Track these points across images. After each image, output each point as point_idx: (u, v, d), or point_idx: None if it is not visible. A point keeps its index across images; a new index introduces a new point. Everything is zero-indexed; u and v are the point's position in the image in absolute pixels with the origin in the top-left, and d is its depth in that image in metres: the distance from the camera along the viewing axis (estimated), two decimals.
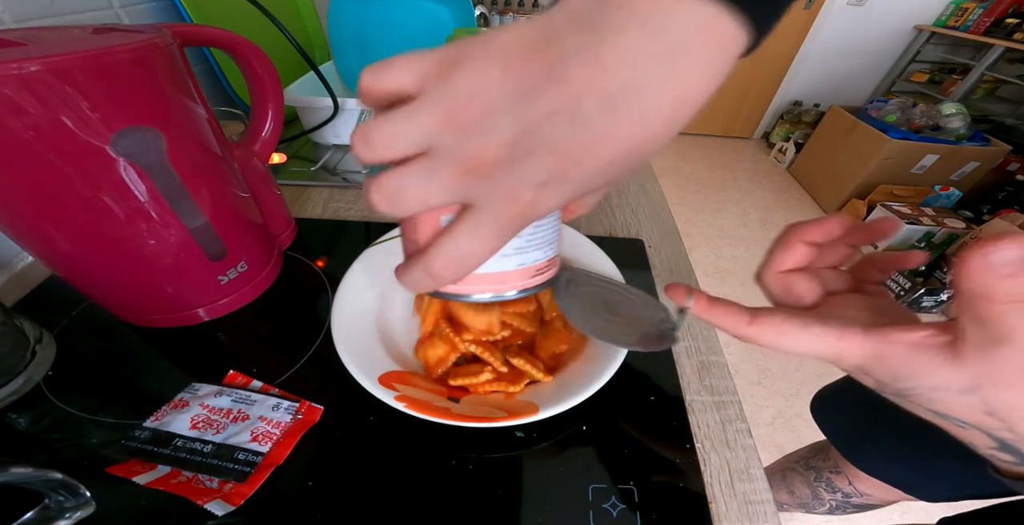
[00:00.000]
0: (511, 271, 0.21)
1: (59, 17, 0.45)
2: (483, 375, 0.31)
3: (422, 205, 0.16)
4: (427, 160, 0.15)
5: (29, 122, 0.22)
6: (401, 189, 0.15)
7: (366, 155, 0.15)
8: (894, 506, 0.64)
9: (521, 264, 0.21)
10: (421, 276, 0.17)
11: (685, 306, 0.21)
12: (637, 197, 0.57)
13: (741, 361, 1.39)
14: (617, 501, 0.27)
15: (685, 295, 0.21)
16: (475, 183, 0.15)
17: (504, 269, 0.21)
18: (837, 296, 0.21)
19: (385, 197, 0.16)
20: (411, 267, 0.18)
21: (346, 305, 0.34)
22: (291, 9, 0.77)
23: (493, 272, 0.21)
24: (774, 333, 0.18)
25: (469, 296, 0.21)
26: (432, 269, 0.17)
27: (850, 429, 0.57)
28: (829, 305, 0.21)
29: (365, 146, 0.15)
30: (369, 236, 0.49)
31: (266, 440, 0.28)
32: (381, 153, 0.15)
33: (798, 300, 0.21)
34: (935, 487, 0.50)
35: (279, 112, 0.41)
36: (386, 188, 0.15)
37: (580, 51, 0.13)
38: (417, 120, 0.14)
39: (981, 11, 2.03)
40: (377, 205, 0.16)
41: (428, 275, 0.17)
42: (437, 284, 0.18)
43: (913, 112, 1.93)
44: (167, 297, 0.35)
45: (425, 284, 0.18)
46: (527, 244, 0.20)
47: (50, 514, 0.23)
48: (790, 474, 0.74)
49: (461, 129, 0.14)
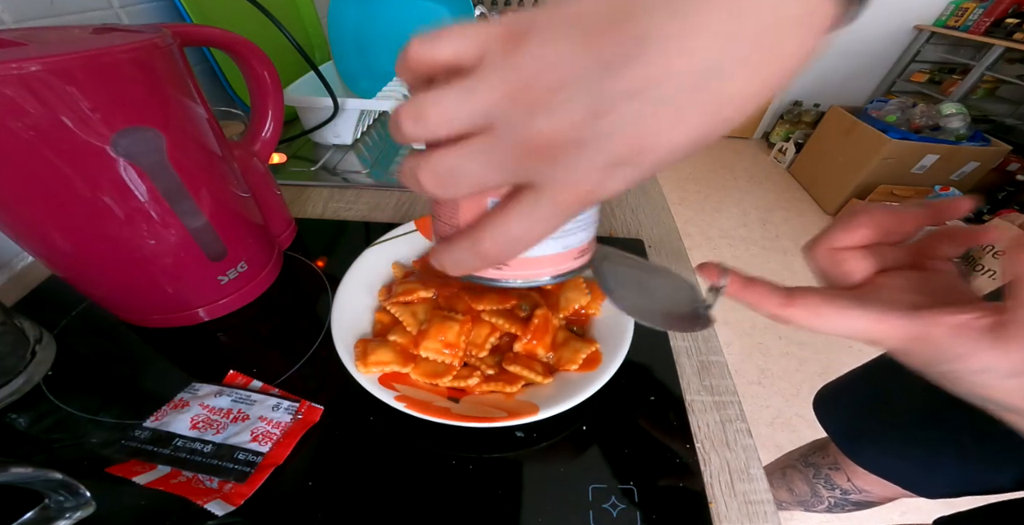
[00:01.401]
0: (555, 254, 0.20)
1: (59, 17, 0.45)
2: (472, 378, 0.31)
3: (477, 187, 0.14)
4: (486, 139, 0.13)
5: (29, 122, 0.22)
6: (456, 170, 0.14)
7: (416, 131, 0.14)
8: (891, 505, 0.64)
9: (566, 246, 0.20)
10: (466, 255, 0.16)
11: (718, 285, 0.20)
12: (637, 197, 0.57)
13: (741, 361, 1.39)
14: (617, 501, 0.27)
15: (719, 274, 0.20)
16: (538, 164, 0.13)
17: (549, 252, 0.20)
18: (886, 274, 0.20)
19: (436, 177, 0.14)
20: (456, 246, 0.16)
21: (346, 305, 0.34)
22: (291, 9, 0.77)
23: (537, 255, 0.20)
24: (810, 316, 0.18)
25: (507, 281, 0.20)
26: (481, 249, 0.16)
27: (850, 425, 0.58)
28: (874, 284, 0.20)
29: (416, 123, 0.14)
30: (369, 236, 0.49)
31: (266, 440, 0.28)
32: (435, 130, 0.14)
33: (844, 278, 0.20)
34: (934, 484, 0.50)
35: (279, 112, 0.41)
36: (439, 168, 0.14)
37: (664, 26, 0.12)
38: (479, 94, 0.13)
39: (981, 11, 2.03)
40: (426, 186, 0.14)
41: (475, 255, 0.16)
42: (483, 265, 0.17)
43: (913, 112, 1.93)
44: (167, 297, 0.35)
45: (469, 264, 0.17)
46: (573, 226, 0.19)
47: (50, 514, 0.23)
48: (790, 472, 0.74)
49: (528, 106, 0.13)
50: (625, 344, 0.31)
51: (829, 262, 0.20)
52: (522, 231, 0.15)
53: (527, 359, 0.32)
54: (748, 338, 1.46)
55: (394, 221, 0.51)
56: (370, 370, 0.30)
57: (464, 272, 0.17)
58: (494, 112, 0.13)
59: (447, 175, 0.14)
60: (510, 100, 0.13)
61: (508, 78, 0.13)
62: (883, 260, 0.20)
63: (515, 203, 0.15)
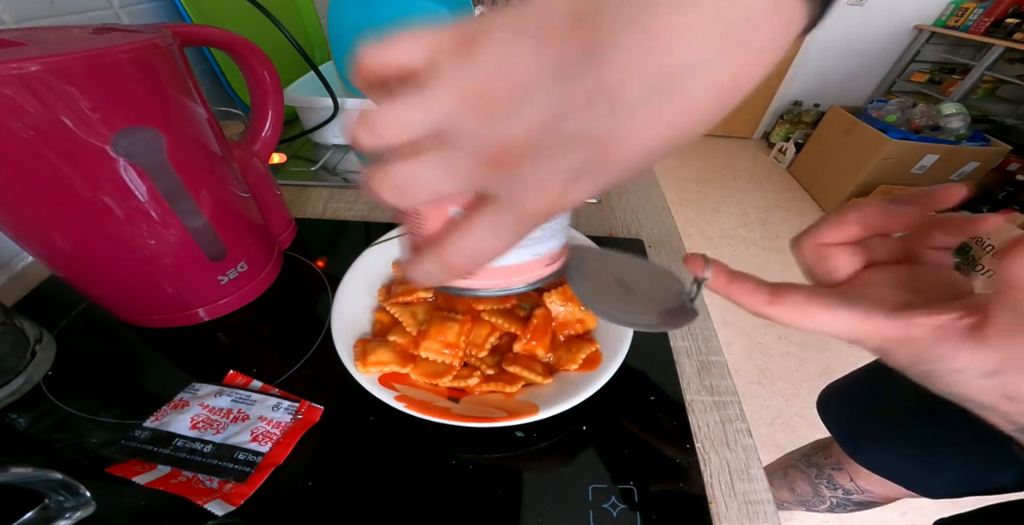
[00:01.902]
0: (524, 263, 0.20)
1: (59, 17, 0.45)
2: (472, 379, 0.31)
3: (435, 196, 0.14)
4: (443, 147, 0.13)
5: (29, 122, 0.22)
6: (412, 179, 0.13)
7: (369, 141, 0.13)
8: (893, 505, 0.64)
9: (535, 255, 0.20)
10: (433, 268, 0.16)
11: (702, 278, 0.20)
12: (637, 197, 0.57)
13: (741, 361, 1.39)
14: (617, 501, 0.27)
15: (703, 266, 0.20)
16: (497, 174, 0.13)
17: (517, 261, 0.20)
18: (874, 269, 0.19)
19: (393, 188, 0.14)
20: (422, 259, 0.16)
21: (346, 305, 0.34)
22: (291, 9, 0.77)
23: (506, 265, 0.20)
24: (795, 314, 0.18)
25: (477, 291, 0.20)
26: (445, 261, 0.16)
27: (853, 425, 0.58)
28: (859, 280, 0.19)
29: (369, 132, 0.13)
30: (369, 236, 0.49)
31: (266, 440, 0.28)
32: (388, 139, 0.13)
33: (830, 274, 0.20)
34: (936, 483, 0.50)
35: (279, 112, 0.41)
36: (394, 178, 0.13)
37: (628, 27, 0.11)
38: (432, 101, 0.12)
39: (981, 11, 2.03)
40: (383, 196, 0.14)
41: (441, 267, 0.16)
42: (450, 277, 0.16)
43: (913, 112, 1.93)
44: (167, 297, 0.35)
45: (437, 277, 0.16)
46: (541, 234, 0.19)
47: (50, 514, 0.23)
48: (791, 471, 0.74)
49: (484, 112, 0.12)
50: (625, 344, 0.31)
51: (815, 257, 0.20)
52: (485, 243, 0.15)
53: (527, 359, 0.32)
54: (748, 338, 1.46)
55: (394, 221, 0.51)
56: (369, 370, 0.30)
57: (433, 284, 0.17)
58: (448, 120, 0.13)
59: (403, 185, 0.14)
60: (463, 107, 0.12)
61: (460, 84, 0.12)
62: (871, 254, 0.20)
63: (477, 215, 0.14)
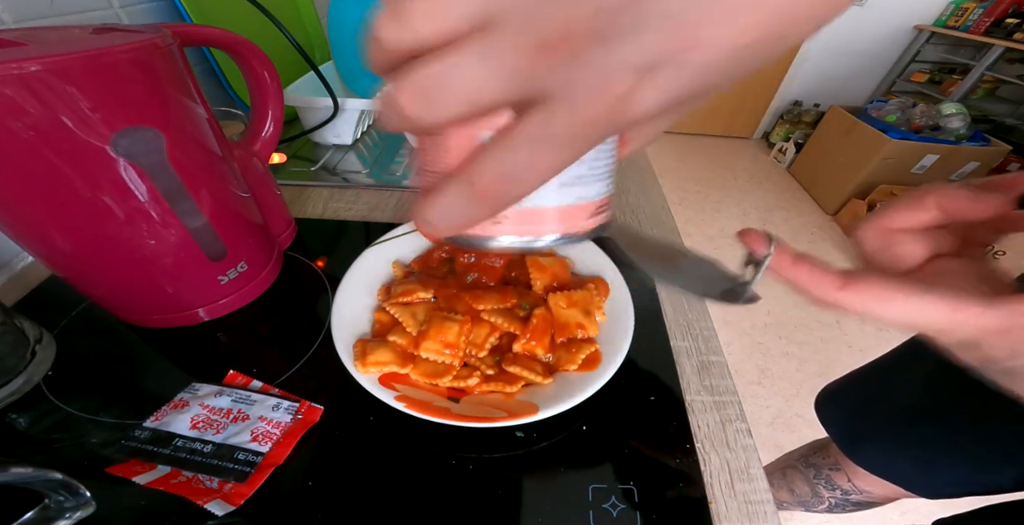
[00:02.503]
0: (564, 207, 0.16)
1: (59, 17, 0.45)
2: (472, 379, 0.31)
3: (470, 102, 0.11)
4: (486, 35, 0.10)
5: (29, 122, 0.22)
6: (443, 81, 0.11)
7: (396, 34, 0.11)
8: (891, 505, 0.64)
9: (579, 198, 0.16)
10: (459, 202, 0.12)
11: (761, 257, 0.17)
12: (637, 197, 0.57)
13: (741, 361, 1.39)
14: (617, 501, 0.27)
15: (765, 242, 0.18)
16: (553, 66, 0.10)
17: (557, 203, 0.15)
18: (939, 260, 0.18)
19: (418, 94, 0.11)
20: (444, 191, 0.13)
21: (346, 305, 0.34)
22: (291, 9, 0.77)
23: (543, 206, 0.15)
24: (872, 300, 0.16)
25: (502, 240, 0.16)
26: (478, 188, 0.12)
27: (851, 425, 0.58)
28: (931, 270, 0.18)
29: (395, 22, 0.11)
30: (369, 236, 0.49)
31: (266, 440, 0.28)
32: (420, 29, 0.10)
33: (895, 262, 0.18)
34: (934, 484, 0.50)
35: (279, 112, 0.41)
36: (422, 79, 0.11)
37: None
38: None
39: (981, 11, 2.03)
40: (406, 107, 0.11)
41: (470, 197, 0.12)
42: (479, 212, 0.13)
43: (913, 112, 1.93)
44: (167, 297, 0.35)
45: (463, 213, 0.13)
46: (589, 172, 0.15)
47: (50, 514, 0.23)
48: (790, 472, 0.74)
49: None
50: (625, 344, 0.31)
51: (881, 243, 0.19)
52: (530, 160, 0.11)
53: (527, 359, 0.32)
54: (748, 338, 1.46)
55: (394, 221, 0.51)
56: (369, 370, 0.30)
57: (456, 228, 0.13)
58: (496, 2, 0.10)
59: (433, 86, 0.11)
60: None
61: None
62: (937, 245, 0.18)
63: (519, 124, 0.11)
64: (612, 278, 0.37)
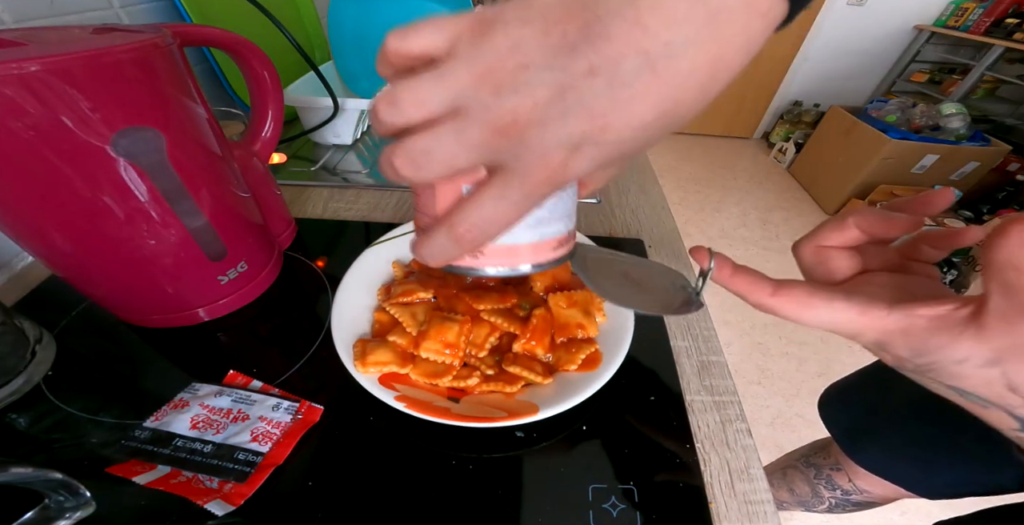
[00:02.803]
0: (531, 244, 0.20)
1: (59, 17, 0.45)
2: (472, 379, 0.31)
3: (448, 168, 0.15)
4: (457, 120, 0.14)
5: (29, 122, 0.22)
6: (428, 151, 0.15)
7: (392, 117, 0.15)
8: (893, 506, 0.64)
9: (542, 236, 0.20)
10: (443, 242, 0.17)
11: (706, 270, 0.21)
12: (637, 197, 0.57)
13: (741, 361, 1.39)
14: (617, 501, 0.27)
15: (708, 257, 0.21)
16: (506, 143, 0.14)
17: (526, 241, 0.20)
18: (868, 274, 0.21)
19: (410, 160, 0.15)
20: (432, 234, 0.17)
21: (346, 305, 0.34)
22: (291, 9, 0.77)
23: (514, 243, 0.20)
24: (796, 306, 0.18)
25: (485, 270, 0.20)
26: (456, 233, 0.16)
27: (853, 425, 0.58)
28: (857, 281, 0.20)
29: (391, 108, 0.15)
30: (369, 236, 0.49)
31: (266, 440, 0.28)
32: (409, 114, 0.15)
33: (829, 275, 0.21)
34: (935, 484, 0.50)
35: (279, 112, 0.41)
36: (412, 150, 0.15)
37: (621, 11, 0.13)
38: (449, 79, 0.14)
39: (981, 11, 2.03)
40: (400, 170, 0.15)
41: (451, 240, 0.17)
42: (460, 250, 0.17)
43: (913, 112, 1.93)
44: (167, 297, 0.35)
45: (447, 251, 0.17)
46: (549, 215, 0.20)
47: (50, 514, 0.23)
48: (790, 472, 0.74)
49: (495, 87, 0.14)
50: (625, 344, 0.31)
51: (815, 260, 0.21)
52: (495, 212, 0.16)
53: (527, 359, 0.32)
54: (748, 338, 1.46)
55: (394, 221, 0.51)
56: (368, 370, 0.30)
57: (443, 261, 0.18)
58: (464, 95, 0.14)
59: (420, 156, 0.15)
60: (478, 83, 0.14)
61: (476, 64, 0.14)
62: (867, 261, 0.21)
63: (487, 185, 0.16)
64: None
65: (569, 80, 0.13)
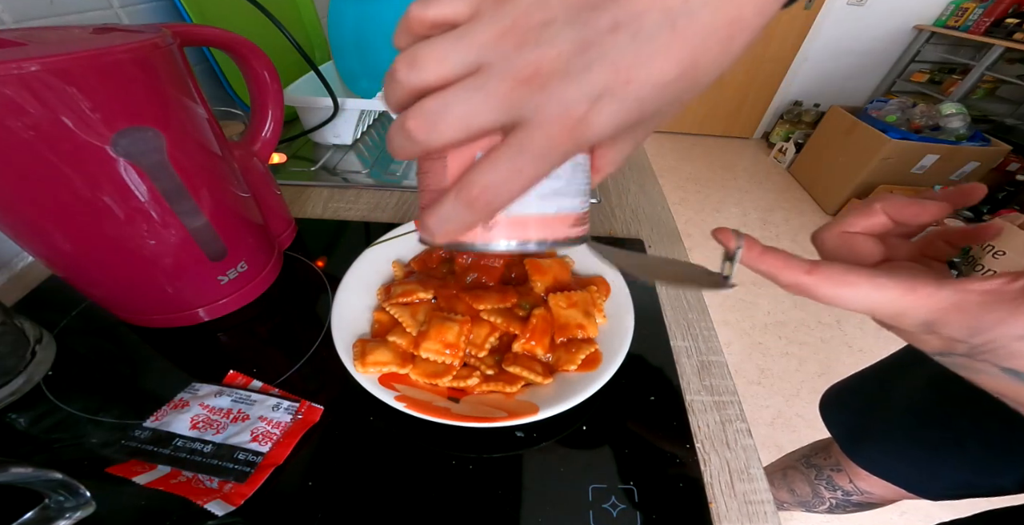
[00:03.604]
0: (548, 215, 0.19)
1: (59, 17, 0.45)
2: (472, 379, 0.31)
3: (465, 128, 0.14)
4: (476, 76, 0.14)
5: (29, 122, 0.22)
6: (445, 108, 0.14)
7: (410, 77, 0.14)
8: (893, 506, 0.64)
9: (559, 208, 0.19)
10: (454, 209, 0.16)
11: (733, 250, 0.20)
12: (637, 197, 0.57)
13: (741, 361, 1.39)
14: (617, 501, 0.27)
15: (734, 238, 0.20)
16: (528, 95, 0.14)
17: (540, 212, 0.19)
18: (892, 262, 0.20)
19: (425, 120, 0.14)
20: (443, 201, 0.16)
21: (346, 305, 0.34)
22: (291, 9, 0.77)
23: (528, 214, 0.18)
24: (834, 285, 0.17)
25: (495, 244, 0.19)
26: (469, 196, 0.15)
27: (854, 426, 0.58)
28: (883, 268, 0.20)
29: (411, 67, 0.14)
30: (369, 236, 0.49)
31: (266, 440, 0.28)
32: (429, 71, 0.14)
33: (857, 259, 0.20)
34: (936, 486, 0.50)
35: (279, 112, 0.41)
36: (428, 109, 0.14)
37: None
38: (472, 36, 0.14)
39: (981, 11, 2.03)
40: (414, 132, 0.14)
41: (463, 205, 0.15)
42: (472, 217, 0.16)
43: (913, 112, 1.93)
44: (167, 297, 0.35)
45: (458, 219, 0.16)
46: (566, 186, 0.19)
47: (50, 514, 0.23)
48: (791, 472, 0.74)
49: (518, 43, 0.14)
50: (625, 344, 0.31)
51: (841, 245, 0.21)
52: (511, 170, 0.15)
53: (527, 359, 0.32)
54: (748, 338, 1.46)
55: (394, 221, 0.51)
56: (368, 370, 0.30)
57: (452, 231, 0.17)
58: (486, 51, 0.14)
59: (435, 114, 0.14)
60: (501, 39, 0.14)
61: (498, 22, 0.14)
62: (891, 251, 0.20)
63: (503, 144, 0.15)
64: (612, 278, 0.37)
65: (593, 35, 0.13)
